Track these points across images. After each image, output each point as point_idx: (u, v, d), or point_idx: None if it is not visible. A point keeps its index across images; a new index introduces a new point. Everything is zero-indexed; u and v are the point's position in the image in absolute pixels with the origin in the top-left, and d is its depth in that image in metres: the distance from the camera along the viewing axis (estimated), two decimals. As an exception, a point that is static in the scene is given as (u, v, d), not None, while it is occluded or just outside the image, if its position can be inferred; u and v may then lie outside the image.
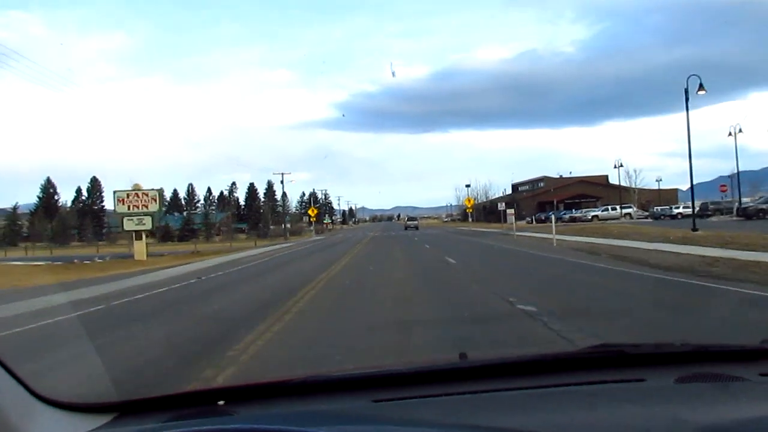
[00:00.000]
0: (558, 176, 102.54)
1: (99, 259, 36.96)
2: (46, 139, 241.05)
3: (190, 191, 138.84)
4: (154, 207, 36.44)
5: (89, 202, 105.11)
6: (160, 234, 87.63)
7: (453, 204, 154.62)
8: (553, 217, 32.60)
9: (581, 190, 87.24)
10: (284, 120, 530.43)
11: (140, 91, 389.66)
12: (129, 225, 36.18)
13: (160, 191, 36.96)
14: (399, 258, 23.46)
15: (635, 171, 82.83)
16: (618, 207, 56.08)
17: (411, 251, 27.84)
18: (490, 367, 1.89)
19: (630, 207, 57.06)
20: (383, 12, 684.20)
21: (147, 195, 36.32)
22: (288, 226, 70.04)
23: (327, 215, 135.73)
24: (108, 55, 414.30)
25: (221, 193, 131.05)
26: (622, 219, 53.36)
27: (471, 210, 58.08)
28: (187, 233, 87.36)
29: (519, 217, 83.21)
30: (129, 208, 36.14)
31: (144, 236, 36.91)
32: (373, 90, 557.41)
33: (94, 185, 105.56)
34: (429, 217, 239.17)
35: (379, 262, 21.88)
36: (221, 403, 1.64)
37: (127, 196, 36.31)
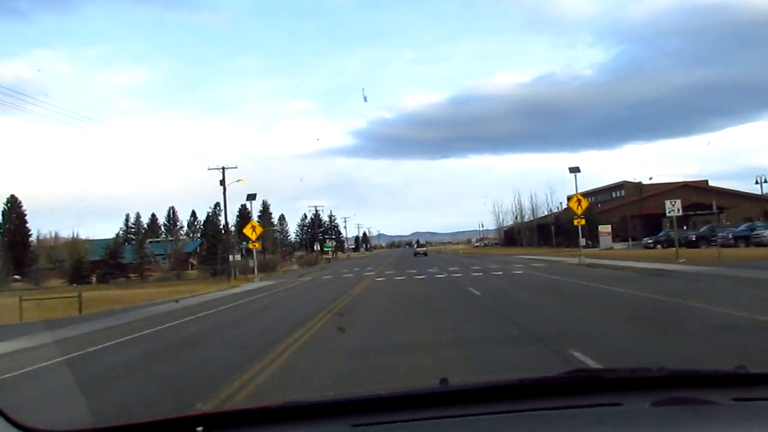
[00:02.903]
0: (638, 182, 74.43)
1: None
2: (70, 175, 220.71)
3: (171, 215, 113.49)
4: None
5: (9, 229, 78.24)
6: (69, 273, 60.56)
7: (487, 227, 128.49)
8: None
9: (688, 198, 58.73)
10: (303, 148, 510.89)
11: (160, 124, 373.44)
12: None
13: None
14: None
15: None
16: None
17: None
18: (470, 392, 1.85)
19: None
20: (400, 40, 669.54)
21: None
22: (236, 258, 42.58)
23: (328, 241, 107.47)
24: (129, 90, 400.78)
25: (207, 216, 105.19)
26: None
27: (582, 221, 28.49)
28: (111, 270, 60.14)
29: (606, 237, 55.14)
30: None
31: None
32: (390, 117, 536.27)
33: (12, 207, 78.73)
34: (449, 243, 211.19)
35: None
36: (200, 429, 1.62)
37: None
